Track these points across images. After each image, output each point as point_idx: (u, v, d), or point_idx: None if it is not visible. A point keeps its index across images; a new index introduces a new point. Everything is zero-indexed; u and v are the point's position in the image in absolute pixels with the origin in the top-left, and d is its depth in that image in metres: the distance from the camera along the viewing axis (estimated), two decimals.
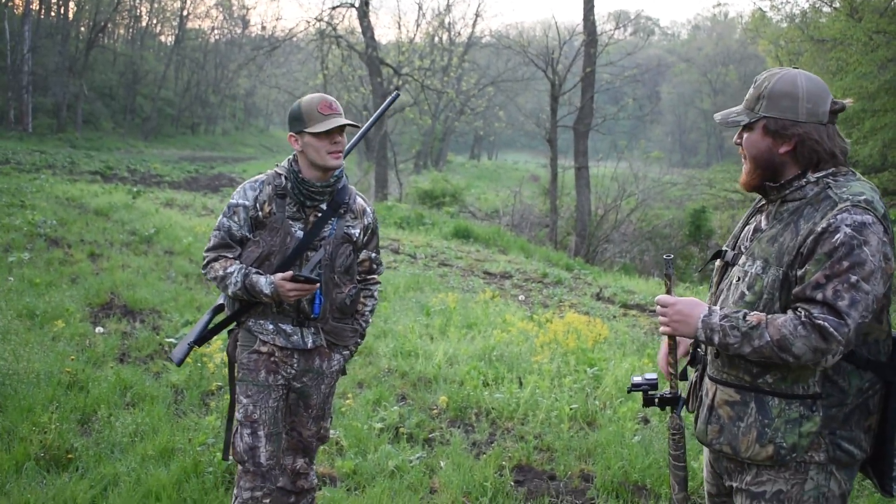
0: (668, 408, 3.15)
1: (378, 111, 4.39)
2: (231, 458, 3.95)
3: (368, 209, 4.05)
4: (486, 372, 7.48)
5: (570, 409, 6.59)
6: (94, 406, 6.12)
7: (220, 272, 3.76)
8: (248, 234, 3.82)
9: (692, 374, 3.15)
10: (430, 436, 6.15)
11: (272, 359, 3.86)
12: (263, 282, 3.67)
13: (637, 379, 3.19)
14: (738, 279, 2.82)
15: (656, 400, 3.15)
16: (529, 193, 34.43)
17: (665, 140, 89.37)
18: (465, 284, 13.21)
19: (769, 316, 2.63)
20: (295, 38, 35.82)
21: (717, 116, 2.92)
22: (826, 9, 36.74)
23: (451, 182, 37.08)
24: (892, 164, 31.32)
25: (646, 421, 6.73)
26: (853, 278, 2.50)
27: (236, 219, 3.81)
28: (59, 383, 6.42)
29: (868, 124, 29.63)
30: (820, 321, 2.50)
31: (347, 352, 4.10)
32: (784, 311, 2.65)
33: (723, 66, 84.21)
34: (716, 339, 2.70)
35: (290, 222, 3.81)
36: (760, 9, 49.75)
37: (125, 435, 5.60)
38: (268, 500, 3.88)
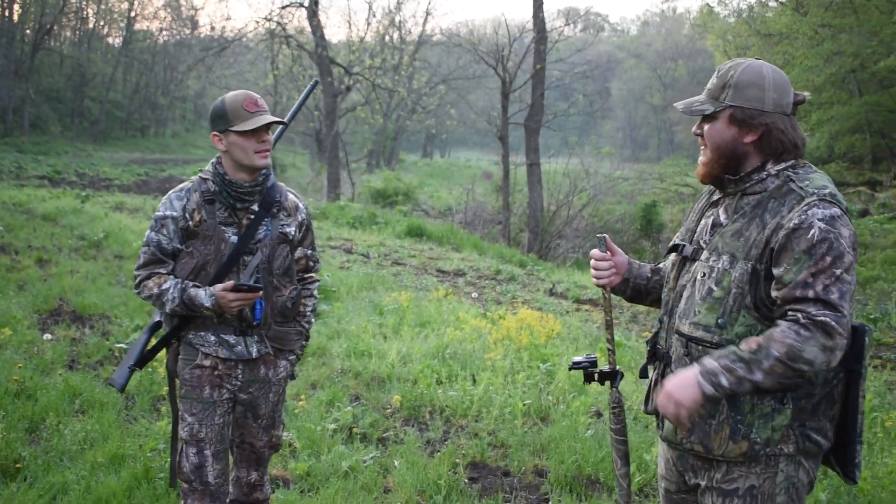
0: (607, 383, 3.17)
1: (299, 101, 4.27)
2: (178, 479, 3.83)
3: (301, 205, 3.90)
4: (439, 370, 7.48)
5: (524, 405, 6.61)
6: (43, 414, 6.03)
7: (155, 290, 3.60)
8: (179, 245, 3.65)
9: (652, 373, 3.07)
10: (384, 435, 6.14)
11: (216, 373, 3.71)
12: (203, 295, 3.53)
13: (578, 358, 3.22)
14: (704, 275, 2.79)
15: (596, 375, 3.17)
16: (482, 191, 34.48)
17: (616, 135, 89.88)
18: (418, 283, 13.21)
19: (764, 335, 2.56)
20: (244, 39, 35.66)
21: (680, 105, 2.89)
22: (773, 3, 37.24)
23: (404, 181, 37.07)
24: (838, 156, 31.75)
25: (598, 415, 6.77)
26: (837, 271, 2.51)
27: (165, 232, 3.63)
28: (6, 392, 6.30)
29: (815, 117, 30.06)
30: (820, 318, 2.48)
31: (294, 356, 3.97)
32: (755, 306, 2.66)
33: (672, 62, 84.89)
34: (724, 381, 2.55)
35: (223, 228, 3.65)
36: (708, 4, 50.16)
37: (74, 443, 5.52)
38: None
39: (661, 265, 3.28)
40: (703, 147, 2.85)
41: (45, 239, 14.03)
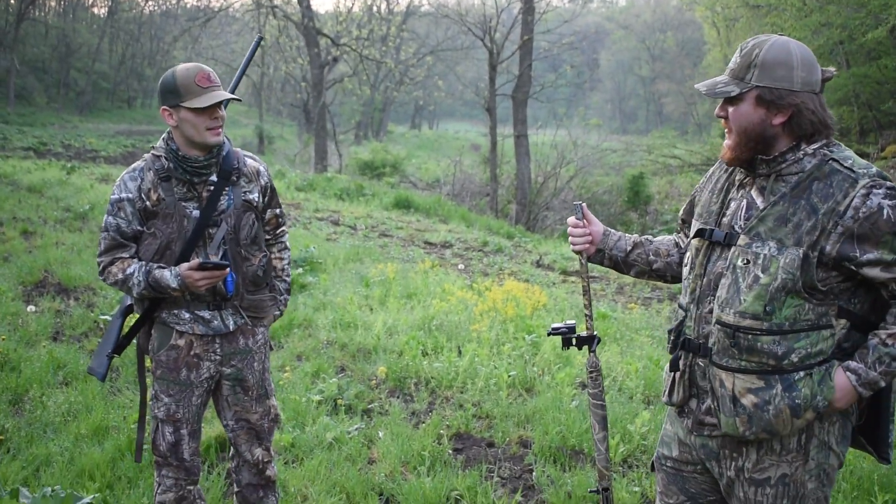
0: (585, 347, 3.16)
1: (244, 62, 4.11)
2: (150, 455, 3.81)
3: (262, 168, 3.79)
4: (425, 342, 7.48)
5: (509, 376, 6.62)
6: (27, 386, 6.02)
7: (120, 275, 3.51)
8: (139, 227, 3.54)
9: (681, 363, 2.92)
10: (369, 407, 6.15)
11: (192, 352, 3.65)
12: (168, 276, 3.45)
13: (556, 324, 3.19)
14: (748, 262, 2.66)
15: (574, 340, 3.16)
16: (470, 162, 34.42)
17: (604, 107, 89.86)
18: (405, 255, 13.19)
19: (885, 328, 2.61)
20: (231, 9, 35.38)
21: (702, 87, 2.74)
22: None
23: (392, 152, 37.01)
24: None
25: (583, 386, 6.79)
26: None
27: (123, 215, 3.51)
28: None
29: None
30: None
31: (271, 316, 3.92)
32: (804, 290, 2.59)
33: (661, 33, 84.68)
34: (882, 383, 2.61)
35: (183, 204, 3.53)
36: None
37: (58, 414, 5.52)
38: (192, 487, 3.79)
39: (646, 238, 3.24)
40: (727, 130, 2.73)
41: (31, 210, 13.97)
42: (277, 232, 3.95)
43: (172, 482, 3.75)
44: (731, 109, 2.69)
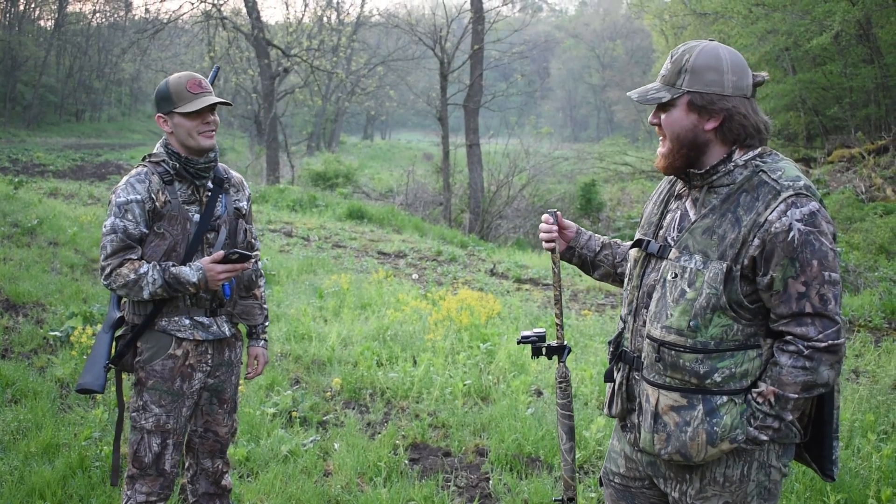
0: (554, 357, 3.15)
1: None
2: (129, 465, 3.75)
3: (243, 180, 3.96)
4: (380, 352, 7.47)
5: (464, 385, 6.63)
6: None
7: (132, 276, 3.49)
8: (145, 230, 3.57)
9: (617, 375, 2.93)
10: (325, 418, 6.12)
11: (187, 363, 3.67)
12: (188, 271, 3.50)
13: (526, 332, 3.19)
14: (675, 276, 2.65)
15: (544, 350, 3.14)
16: (423, 172, 34.42)
17: (555, 115, 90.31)
18: (358, 265, 13.17)
19: (768, 380, 2.55)
20: (179, 21, 35.10)
21: (634, 94, 2.73)
22: None
23: (344, 163, 36.92)
24: (774, 133, 32.20)
25: (539, 393, 6.82)
26: (826, 274, 2.46)
27: (130, 217, 3.54)
28: None
29: None
30: (823, 344, 2.47)
31: (264, 339, 4.05)
32: (730, 307, 2.55)
33: (610, 41, 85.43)
34: (764, 437, 2.58)
35: (186, 207, 3.64)
36: None
37: (7, 433, 5.43)
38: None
39: (615, 241, 3.25)
40: (661, 138, 2.72)
41: None
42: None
43: (144, 498, 3.72)
44: (663, 116, 2.68)
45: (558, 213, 3.22)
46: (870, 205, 21.47)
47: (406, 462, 5.42)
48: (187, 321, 3.66)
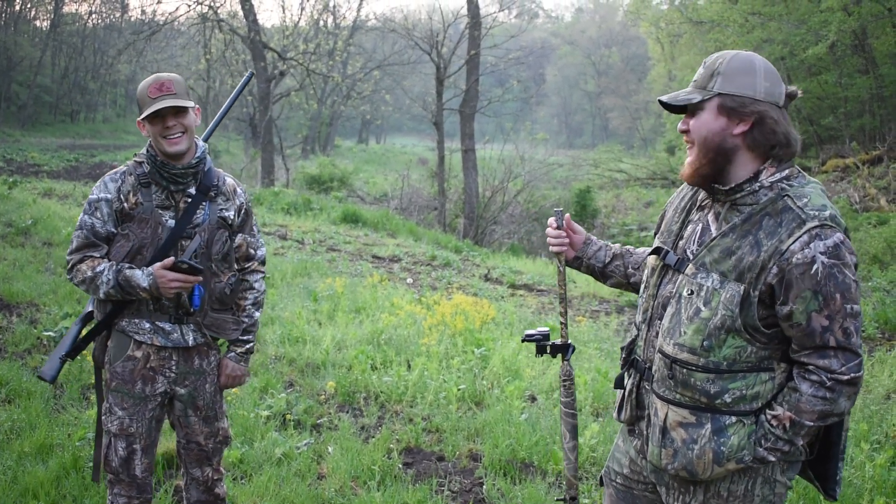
0: (551, 361, 3.19)
1: (234, 93, 4.15)
2: (104, 473, 3.75)
3: (239, 189, 3.82)
4: (374, 356, 7.46)
5: (459, 389, 6.62)
6: None
7: (89, 273, 3.48)
8: (113, 229, 3.55)
9: (627, 381, 2.95)
10: (318, 422, 6.12)
11: (148, 365, 3.63)
12: (139, 275, 3.43)
13: (531, 331, 3.21)
14: (692, 293, 2.62)
15: (548, 348, 3.17)
16: (417, 177, 34.44)
17: (551, 122, 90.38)
18: (353, 269, 13.16)
19: (785, 405, 2.54)
20: (176, 23, 35.07)
21: (666, 98, 2.68)
22: None
23: (339, 167, 36.93)
24: None
25: (533, 399, 6.82)
26: (849, 307, 2.44)
27: (99, 215, 3.53)
28: None
29: None
30: (846, 376, 2.46)
31: (243, 350, 3.94)
32: (745, 329, 2.53)
33: (606, 49, 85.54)
34: (771, 458, 2.59)
35: (160, 211, 3.57)
36: None
37: (0, 433, 5.42)
38: None
39: (627, 249, 3.22)
40: (689, 146, 2.67)
41: None
42: (247, 266, 3.91)
43: (125, 501, 3.70)
44: (692, 121, 2.64)
45: (567, 215, 3.21)
46: (864, 215, 21.51)
47: (400, 466, 5.41)
48: (147, 325, 3.61)
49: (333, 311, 9.29)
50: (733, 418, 2.58)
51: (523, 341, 3.22)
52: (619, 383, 3.01)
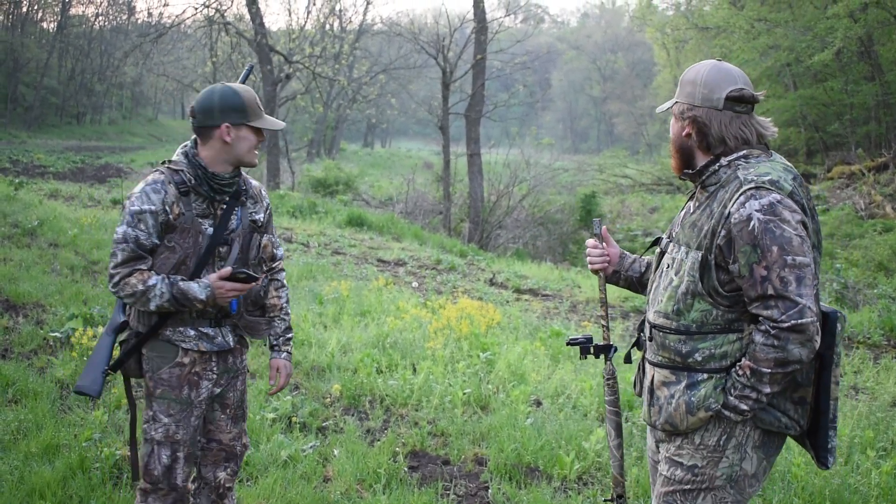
0: (602, 356, 3.38)
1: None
2: (142, 479, 3.67)
3: (264, 191, 3.86)
4: (379, 359, 7.46)
5: (464, 393, 6.63)
6: None
7: (140, 286, 3.40)
8: (157, 241, 3.47)
9: (637, 357, 3.29)
10: (324, 424, 6.12)
11: (194, 370, 3.61)
12: (196, 288, 3.43)
13: (575, 336, 3.44)
14: (668, 266, 2.99)
15: (591, 349, 3.38)
16: (423, 181, 34.44)
17: (556, 126, 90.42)
18: (358, 272, 13.16)
19: (750, 355, 2.75)
20: (182, 25, 35.10)
21: (658, 109, 3.17)
22: None
23: (345, 170, 36.92)
24: (774, 149, 32.25)
25: (538, 403, 6.82)
26: (788, 258, 2.65)
27: (143, 227, 3.42)
28: None
29: None
30: (786, 324, 2.65)
31: (286, 352, 3.98)
32: (708, 293, 2.82)
33: (611, 54, 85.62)
34: (745, 406, 2.79)
35: (200, 220, 3.54)
36: None
37: (7, 433, 5.42)
38: None
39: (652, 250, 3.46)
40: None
41: None
42: (274, 265, 3.94)
43: None
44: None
45: (603, 227, 3.43)
46: (869, 222, 21.51)
47: (405, 469, 5.41)
48: (192, 332, 3.59)
49: (339, 314, 9.29)
50: (705, 375, 2.87)
51: (568, 345, 3.42)
52: (627, 359, 3.45)
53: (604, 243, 3.43)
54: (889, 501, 4.93)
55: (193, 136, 3.61)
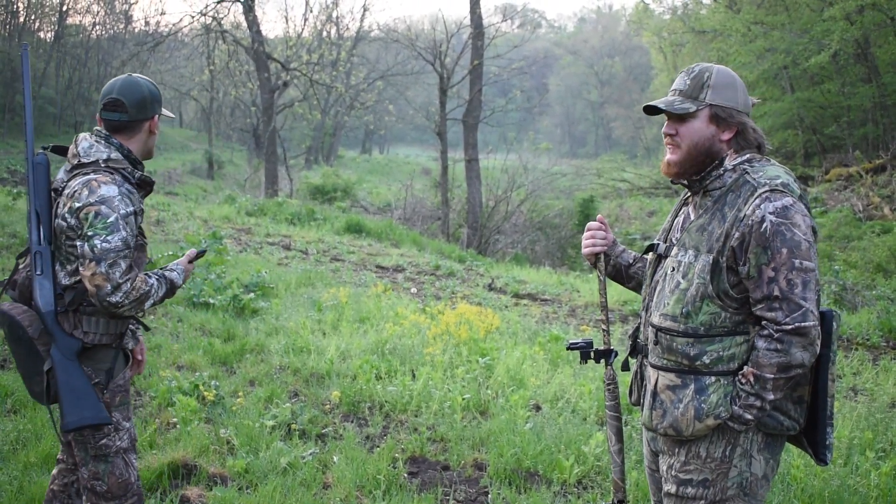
0: (602, 360, 3.38)
1: (25, 76, 3.92)
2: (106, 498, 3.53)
3: None
4: (378, 365, 7.46)
5: (463, 399, 6.63)
6: None
7: (143, 287, 3.33)
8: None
9: (634, 365, 3.29)
10: (323, 431, 6.12)
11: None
12: (175, 275, 3.52)
13: (574, 340, 3.44)
14: (673, 269, 2.98)
15: (592, 354, 3.38)
16: (421, 187, 34.46)
17: (554, 131, 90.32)
18: (357, 279, 13.17)
19: (753, 362, 2.79)
20: (179, 34, 35.17)
21: (661, 104, 2.98)
22: (706, 0, 37.69)
23: (343, 177, 36.98)
24: (771, 152, 32.29)
25: (537, 408, 6.82)
26: (796, 262, 2.70)
27: (129, 229, 3.32)
28: None
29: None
30: (790, 326, 2.70)
31: None
32: (717, 296, 2.84)
33: (609, 58, 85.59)
34: (749, 416, 2.82)
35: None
36: (643, 1, 50.85)
37: (6, 443, 5.42)
38: None
39: (645, 256, 3.44)
40: (671, 146, 3.01)
41: None
42: None
43: None
44: (681, 127, 2.97)
45: (600, 215, 3.48)
46: (867, 223, 21.50)
47: (405, 475, 5.41)
48: (128, 332, 3.59)
49: (338, 320, 9.29)
50: (713, 378, 2.87)
51: (568, 349, 3.45)
52: (625, 366, 3.38)
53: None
54: (888, 502, 4.93)
55: (98, 130, 3.61)
